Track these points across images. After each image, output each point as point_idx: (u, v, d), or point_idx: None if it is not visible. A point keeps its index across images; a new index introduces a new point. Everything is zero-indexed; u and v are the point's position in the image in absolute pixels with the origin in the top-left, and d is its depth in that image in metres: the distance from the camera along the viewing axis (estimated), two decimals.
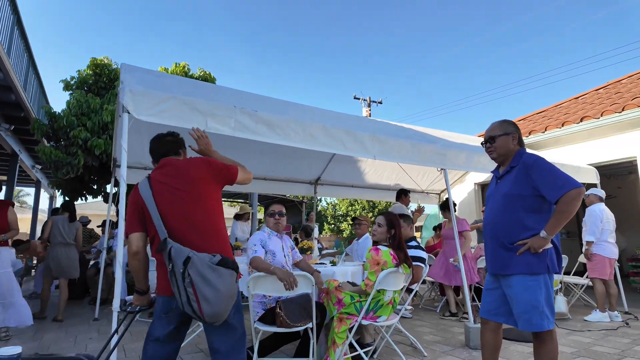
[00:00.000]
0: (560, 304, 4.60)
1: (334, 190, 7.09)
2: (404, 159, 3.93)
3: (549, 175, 2.06)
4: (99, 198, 7.35)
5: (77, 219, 5.27)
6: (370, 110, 24.14)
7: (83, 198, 7.59)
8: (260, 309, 2.79)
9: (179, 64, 6.78)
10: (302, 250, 3.76)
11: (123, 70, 3.42)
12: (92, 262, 6.59)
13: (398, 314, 3.05)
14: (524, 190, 2.12)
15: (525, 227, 2.10)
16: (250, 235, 6.98)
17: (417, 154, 3.97)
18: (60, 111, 6.18)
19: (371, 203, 24.58)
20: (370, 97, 24.87)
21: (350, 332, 2.71)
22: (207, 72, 7.05)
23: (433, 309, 5.27)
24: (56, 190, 7.44)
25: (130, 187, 6.80)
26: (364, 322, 2.73)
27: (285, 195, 10.21)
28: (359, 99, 24.56)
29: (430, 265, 4.78)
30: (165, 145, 2.00)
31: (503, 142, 2.29)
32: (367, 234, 4.47)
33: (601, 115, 5.97)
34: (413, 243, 3.56)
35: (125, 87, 2.66)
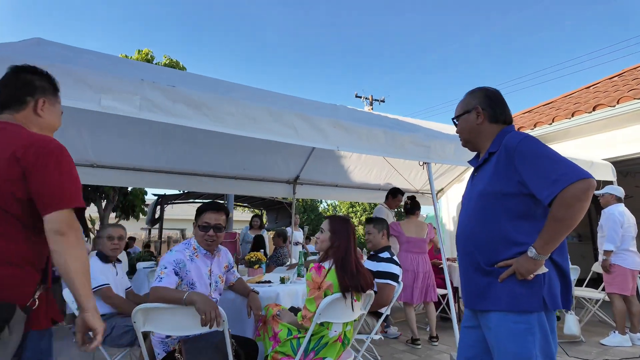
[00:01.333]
0: (571, 323, 3.83)
1: (316, 190, 6.37)
2: (377, 151, 3.21)
3: (540, 162, 1.35)
4: None
5: None
6: (372, 108, 23.44)
7: None
8: (162, 349, 2.08)
9: (142, 51, 6.13)
10: (250, 263, 3.05)
11: (30, 44, 2.75)
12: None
13: (359, 352, 2.33)
14: (506, 186, 1.42)
15: (509, 240, 1.41)
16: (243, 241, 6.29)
17: (392, 145, 3.25)
18: None
19: (373, 204, 23.86)
20: (372, 96, 24.12)
21: None
22: (175, 60, 6.38)
23: (423, 327, 4.54)
24: None
25: None
26: None
27: (275, 198, 9.54)
28: (360, 97, 23.84)
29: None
30: (7, 88, 1.29)
31: (464, 123, 1.63)
32: None
33: (617, 103, 5.18)
34: (385, 254, 2.83)
35: None
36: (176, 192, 8.54)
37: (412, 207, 4.21)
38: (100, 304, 2.53)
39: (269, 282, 2.74)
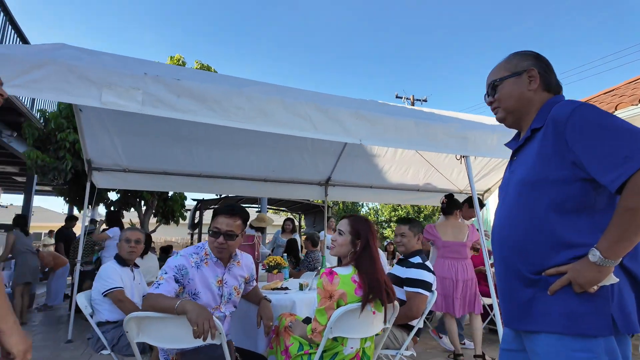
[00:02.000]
0: None
1: (349, 192, 6.07)
2: (406, 144, 2.89)
3: (603, 135, 1.02)
4: (101, 205, 6.97)
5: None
6: None
7: (92, 207, 7.27)
8: (164, 358, 1.91)
9: (173, 57, 6.22)
10: (269, 268, 2.84)
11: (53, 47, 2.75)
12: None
13: None
14: (556, 170, 1.10)
15: (561, 241, 1.08)
16: (270, 246, 6.17)
17: (424, 137, 2.91)
18: (48, 113, 5.83)
19: (416, 207, 22.96)
20: (413, 96, 23.39)
21: None
22: (206, 65, 6.41)
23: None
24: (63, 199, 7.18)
25: (102, 191, 6.21)
26: None
27: (310, 201, 9.37)
28: (401, 97, 23.19)
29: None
30: None
31: (510, 88, 1.28)
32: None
33: None
34: (416, 259, 2.50)
35: None
36: (214, 196, 8.62)
37: (450, 205, 3.80)
38: (111, 308, 2.43)
39: (286, 289, 2.51)
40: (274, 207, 9.95)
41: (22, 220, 5.35)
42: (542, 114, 1.21)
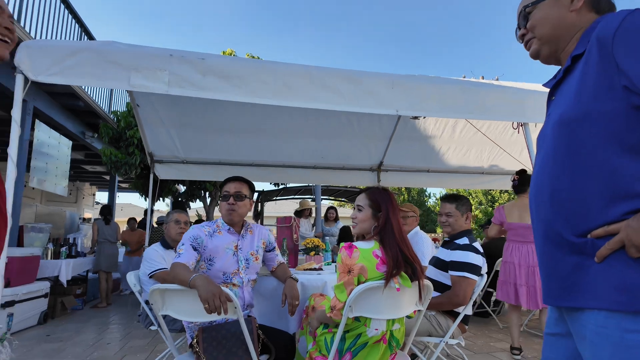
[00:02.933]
0: None
1: (404, 177, 5.76)
2: (451, 112, 2.60)
3: None
4: (169, 199, 7.47)
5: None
6: None
7: (163, 199, 7.86)
8: (189, 335, 1.92)
9: (225, 52, 6.41)
10: (307, 250, 2.76)
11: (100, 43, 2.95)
12: None
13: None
14: (604, 99, 0.84)
15: (617, 190, 0.84)
16: (315, 232, 6.19)
17: (472, 104, 2.60)
18: (119, 112, 6.36)
19: (489, 196, 21.35)
20: (483, 77, 21.79)
21: None
22: (257, 57, 6.51)
23: (538, 334, 3.65)
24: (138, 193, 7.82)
25: (170, 184, 6.61)
26: None
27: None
28: (469, 79, 21.75)
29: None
30: None
31: (546, 12, 1.03)
32: (417, 230, 3.20)
33: None
34: (463, 240, 2.23)
35: (24, 43, 2.11)
36: (274, 187, 8.80)
37: (522, 182, 3.34)
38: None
39: (320, 269, 2.40)
40: (331, 197, 9.89)
41: (105, 210, 5.91)
42: (585, 38, 0.94)
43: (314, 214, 6.65)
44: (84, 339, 3.68)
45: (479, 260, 2.13)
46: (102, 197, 17.23)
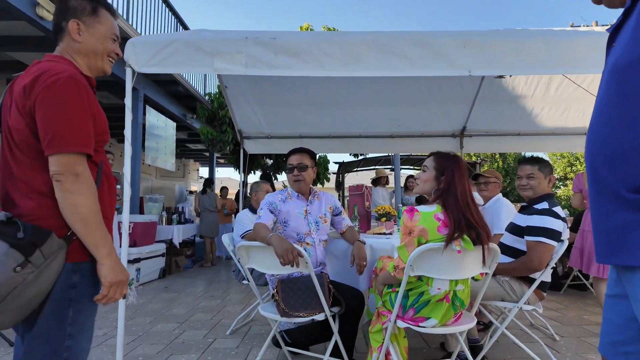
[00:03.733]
0: None
1: (490, 143, 5.40)
2: (533, 68, 2.42)
3: None
4: (258, 172, 8.09)
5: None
6: None
7: (254, 172, 8.56)
8: (271, 287, 2.20)
9: (302, 27, 6.55)
10: (379, 217, 2.86)
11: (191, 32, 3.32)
12: None
13: (487, 322, 1.85)
14: None
15: None
16: (394, 201, 6.24)
17: (560, 58, 2.36)
18: (212, 94, 6.99)
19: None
20: (596, 22, 18.74)
21: (386, 334, 1.78)
22: (332, 29, 6.54)
23: None
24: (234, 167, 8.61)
25: (259, 158, 7.12)
26: (400, 324, 1.73)
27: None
28: (578, 26, 18.82)
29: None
30: (55, 12, 1.22)
31: None
32: (499, 197, 3.06)
33: None
34: (542, 205, 2.10)
35: (130, 41, 2.49)
36: (353, 158, 8.94)
37: None
38: None
39: (389, 234, 2.49)
40: (412, 167, 9.67)
41: (205, 183, 6.70)
42: None
43: (391, 183, 6.65)
44: (193, 292, 4.35)
45: (559, 225, 2.02)
46: (204, 172, 19.20)
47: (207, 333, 2.86)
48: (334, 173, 10.57)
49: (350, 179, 10.61)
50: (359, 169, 9.93)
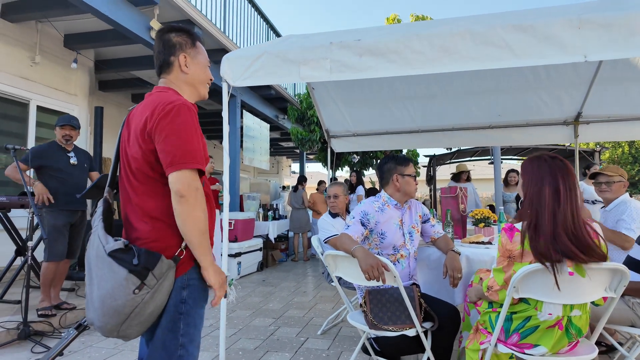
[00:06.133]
0: None
1: (612, 129, 4.57)
2: None
3: None
4: (346, 168, 8.15)
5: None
6: None
7: (341, 168, 8.68)
8: (359, 295, 2.18)
9: (389, 18, 6.32)
10: (476, 221, 2.65)
11: (279, 40, 3.46)
12: None
13: (610, 345, 1.59)
14: None
15: None
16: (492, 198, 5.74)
17: None
18: (301, 95, 7.21)
19: None
20: None
21: (485, 356, 1.64)
22: (421, 16, 6.19)
23: None
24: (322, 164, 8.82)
25: (346, 154, 7.18)
26: (502, 349, 1.58)
27: (563, 145, 7.61)
28: None
29: None
30: (156, 53, 1.35)
31: None
32: (625, 198, 2.60)
33: None
34: None
35: (225, 57, 2.67)
36: (445, 151, 8.46)
37: None
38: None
39: (489, 243, 2.28)
40: (516, 157, 8.75)
41: (299, 179, 6.96)
42: None
43: (491, 177, 6.10)
44: (287, 286, 4.58)
45: None
46: (296, 167, 20.05)
47: (300, 331, 2.98)
48: (424, 166, 10.13)
49: (443, 172, 10.06)
50: (452, 161, 9.35)
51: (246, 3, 6.64)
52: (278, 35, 7.94)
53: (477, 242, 2.29)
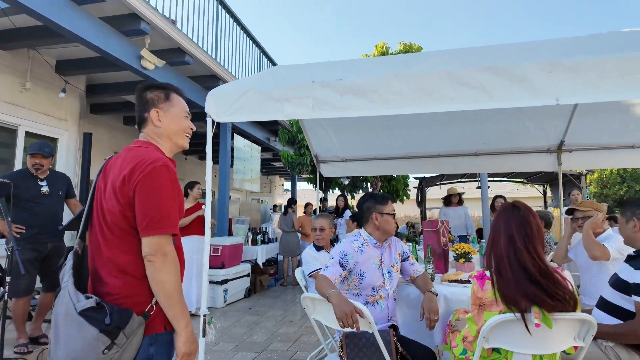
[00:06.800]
0: None
1: (595, 157, 4.68)
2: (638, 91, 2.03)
3: None
4: (337, 190, 8.19)
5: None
6: None
7: (331, 191, 8.70)
8: (338, 336, 2.16)
9: (377, 45, 6.47)
10: (456, 257, 2.67)
11: (266, 72, 3.52)
12: None
13: None
14: None
15: None
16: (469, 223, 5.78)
17: None
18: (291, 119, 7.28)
19: None
20: None
21: None
22: (408, 44, 6.34)
23: None
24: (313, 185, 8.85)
25: (336, 177, 7.19)
26: None
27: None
28: None
29: None
30: (135, 111, 1.41)
31: None
32: (609, 234, 2.62)
33: None
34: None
35: (210, 93, 2.71)
36: (435, 174, 8.54)
37: None
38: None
39: (467, 282, 2.29)
40: (505, 179, 8.85)
41: (288, 202, 6.93)
42: None
43: (478, 202, 6.15)
44: (273, 315, 4.53)
45: None
46: (289, 186, 20.09)
47: None
48: (414, 187, 10.19)
49: (434, 192, 10.12)
50: (442, 182, 9.43)
51: (238, 29, 6.76)
52: (270, 59, 8.07)
53: (456, 281, 2.30)
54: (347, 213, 6.20)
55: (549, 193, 9.54)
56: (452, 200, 5.58)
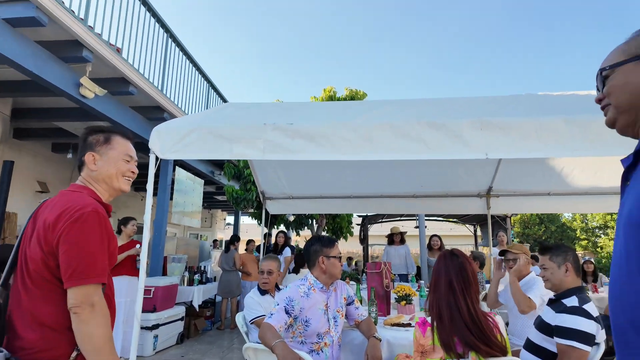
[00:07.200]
0: None
1: (519, 202, 5.19)
2: (555, 151, 2.35)
3: None
4: (282, 227, 8.11)
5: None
6: None
7: (276, 227, 8.58)
8: None
9: (326, 89, 6.78)
10: (398, 299, 2.73)
11: (217, 109, 3.48)
12: None
13: None
14: None
15: None
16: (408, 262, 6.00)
17: (580, 140, 2.29)
18: None
19: None
20: None
21: None
22: (354, 90, 6.73)
23: None
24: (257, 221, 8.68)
25: (274, 216, 7.10)
26: None
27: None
28: None
29: None
30: (78, 150, 1.38)
31: (626, 77, 0.90)
32: (532, 277, 2.85)
33: None
34: (571, 301, 1.91)
35: (155, 129, 2.63)
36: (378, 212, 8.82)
37: None
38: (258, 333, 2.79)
39: (408, 325, 2.35)
40: (440, 218, 9.41)
41: (231, 239, 6.68)
42: None
43: (416, 243, 6.44)
44: None
45: (591, 327, 1.83)
46: (231, 220, 19.47)
47: None
48: (357, 224, 10.43)
49: (375, 230, 10.41)
50: (383, 220, 9.77)
51: (186, 62, 6.71)
52: (219, 94, 8.03)
53: (398, 324, 2.35)
54: (287, 250, 6.13)
55: (479, 232, 10.27)
56: (394, 239, 5.78)
